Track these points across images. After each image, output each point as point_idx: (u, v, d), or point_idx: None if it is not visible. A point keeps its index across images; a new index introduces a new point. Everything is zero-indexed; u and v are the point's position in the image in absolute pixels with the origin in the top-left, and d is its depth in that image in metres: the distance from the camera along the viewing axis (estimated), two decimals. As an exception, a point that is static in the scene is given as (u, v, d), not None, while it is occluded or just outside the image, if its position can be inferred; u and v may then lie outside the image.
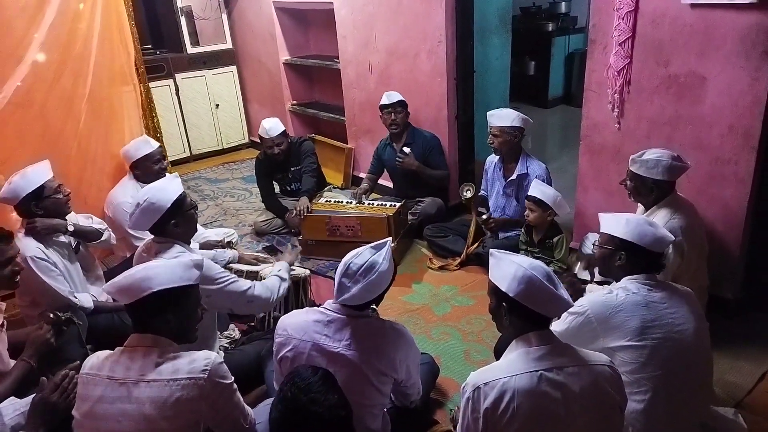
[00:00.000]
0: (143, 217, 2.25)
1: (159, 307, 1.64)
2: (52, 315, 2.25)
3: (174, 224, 2.30)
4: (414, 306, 3.27)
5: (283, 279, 2.52)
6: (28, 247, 2.53)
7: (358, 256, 1.84)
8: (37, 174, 2.61)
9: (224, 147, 6.40)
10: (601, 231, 2.05)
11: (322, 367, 1.58)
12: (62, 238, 2.75)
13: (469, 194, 3.52)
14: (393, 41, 4.30)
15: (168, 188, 2.30)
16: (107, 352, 1.69)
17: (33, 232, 2.58)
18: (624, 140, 3.04)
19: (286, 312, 2.59)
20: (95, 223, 2.97)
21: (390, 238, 1.99)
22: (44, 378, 1.87)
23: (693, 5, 2.60)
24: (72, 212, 2.83)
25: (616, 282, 1.98)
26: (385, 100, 3.98)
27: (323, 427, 1.37)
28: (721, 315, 2.69)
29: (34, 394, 1.87)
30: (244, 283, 2.34)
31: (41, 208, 2.62)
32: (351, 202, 3.94)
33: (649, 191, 2.46)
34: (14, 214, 2.70)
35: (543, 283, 1.53)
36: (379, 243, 1.90)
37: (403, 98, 3.97)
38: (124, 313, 2.62)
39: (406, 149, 4.00)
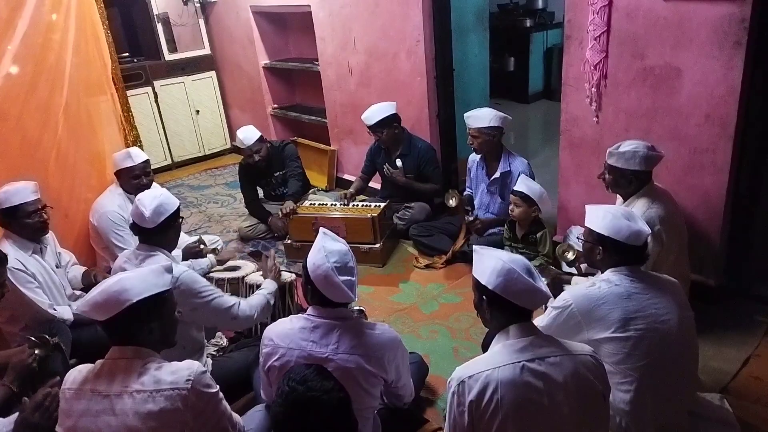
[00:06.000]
0: (160, 209, 2.30)
1: (140, 317, 1.62)
2: (34, 338, 2.22)
3: (165, 230, 2.35)
4: (402, 305, 3.27)
5: (268, 302, 2.51)
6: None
7: (330, 255, 1.80)
8: (17, 194, 2.63)
9: (206, 153, 6.37)
10: (584, 225, 2.07)
11: (315, 364, 1.57)
12: (48, 251, 2.77)
13: (453, 202, 3.46)
14: (371, 42, 4.30)
15: (171, 195, 2.42)
16: (88, 365, 1.67)
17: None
18: (603, 133, 3.07)
19: (272, 317, 2.58)
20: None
21: (321, 228, 1.98)
22: (26, 398, 1.84)
23: (666, -2, 2.64)
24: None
25: (602, 274, 2.00)
26: (365, 122, 3.83)
27: (324, 412, 1.36)
28: (703, 302, 2.72)
29: (18, 414, 1.84)
30: (228, 300, 2.34)
31: (11, 226, 2.64)
32: (335, 204, 3.93)
33: (628, 183, 2.48)
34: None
35: (521, 275, 1.55)
36: (319, 239, 1.88)
37: (383, 117, 3.76)
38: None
39: (399, 162, 3.92)
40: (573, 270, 2.69)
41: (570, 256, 2.60)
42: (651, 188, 2.50)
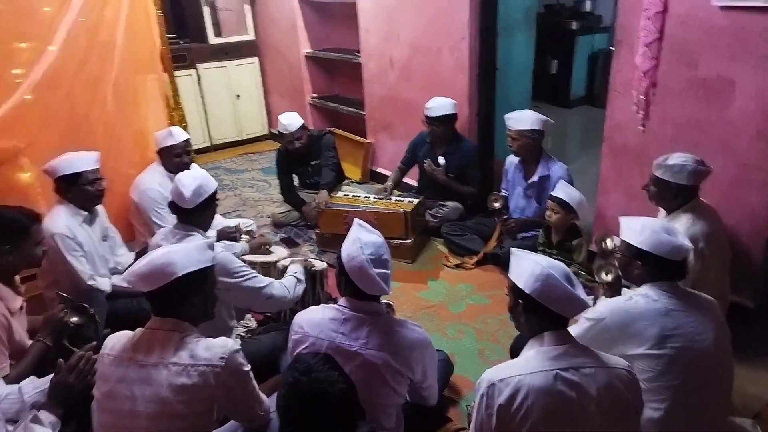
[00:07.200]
0: (199, 191, 2.35)
1: (184, 291, 1.66)
2: (65, 294, 2.28)
3: (203, 210, 2.40)
4: (429, 303, 3.26)
5: (299, 281, 2.53)
6: (56, 224, 2.60)
7: (365, 246, 1.79)
8: (80, 161, 2.71)
9: (244, 138, 6.45)
10: (620, 237, 2.02)
11: (322, 352, 1.58)
12: (97, 223, 2.85)
13: (497, 205, 3.44)
14: (415, 36, 4.28)
15: (210, 176, 2.47)
16: (128, 332, 1.71)
17: None
18: (648, 143, 3.00)
19: (302, 305, 2.60)
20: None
21: (356, 219, 1.97)
22: (61, 360, 1.91)
23: (723, 7, 2.56)
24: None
25: (638, 288, 1.95)
26: (426, 111, 3.82)
27: (328, 404, 1.37)
28: (740, 323, 2.63)
29: (53, 375, 1.90)
30: (262, 280, 2.36)
31: (70, 193, 2.70)
32: (369, 197, 3.93)
33: (674, 196, 2.42)
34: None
35: (560, 282, 1.52)
36: (353, 230, 1.88)
37: (445, 113, 3.76)
38: (142, 299, 2.69)
39: (441, 160, 3.89)
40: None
41: (607, 277, 2.37)
42: (696, 204, 2.43)
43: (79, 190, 2.70)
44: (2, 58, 2.93)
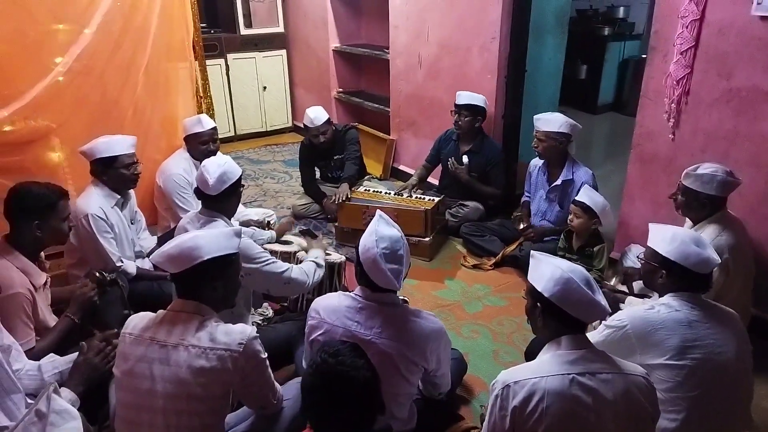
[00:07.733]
0: (223, 177, 2.36)
1: (208, 275, 1.69)
2: (97, 274, 2.34)
3: (227, 197, 2.41)
4: (445, 302, 3.26)
5: (319, 265, 2.55)
6: (90, 205, 2.65)
7: (380, 240, 1.81)
8: (118, 144, 2.75)
9: (268, 129, 6.50)
10: (647, 244, 1.99)
11: (350, 341, 1.60)
12: (128, 207, 2.91)
13: (523, 225, 3.49)
14: (445, 34, 4.27)
15: (234, 163, 2.47)
16: (150, 313, 1.74)
17: None
18: (677, 152, 2.95)
19: (319, 296, 2.61)
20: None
21: (378, 211, 1.99)
22: (83, 343, 1.95)
23: (763, 17, 2.51)
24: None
25: (660, 297, 1.93)
26: (456, 99, 3.86)
27: (352, 388, 1.39)
28: (759, 337, 2.58)
29: (78, 355, 1.94)
30: (281, 265, 2.38)
31: (106, 175, 2.74)
32: (389, 193, 3.94)
33: (701, 207, 2.39)
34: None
35: (580, 286, 1.51)
36: (374, 222, 1.90)
37: (474, 103, 3.80)
38: (163, 282, 2.73)
39: (465, 159, 3.89)
40: (625, 288, 2.62)
41: (614, 281, 2.57)
42: (723, 215, 2.40)
43: (114, 173, 2.74)
44: (40, 39, 2.98)
